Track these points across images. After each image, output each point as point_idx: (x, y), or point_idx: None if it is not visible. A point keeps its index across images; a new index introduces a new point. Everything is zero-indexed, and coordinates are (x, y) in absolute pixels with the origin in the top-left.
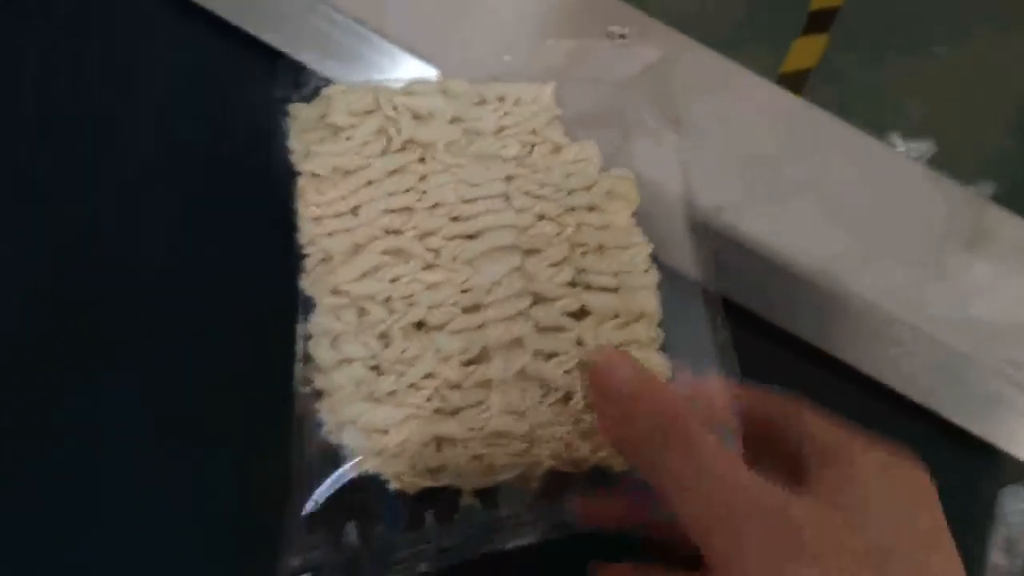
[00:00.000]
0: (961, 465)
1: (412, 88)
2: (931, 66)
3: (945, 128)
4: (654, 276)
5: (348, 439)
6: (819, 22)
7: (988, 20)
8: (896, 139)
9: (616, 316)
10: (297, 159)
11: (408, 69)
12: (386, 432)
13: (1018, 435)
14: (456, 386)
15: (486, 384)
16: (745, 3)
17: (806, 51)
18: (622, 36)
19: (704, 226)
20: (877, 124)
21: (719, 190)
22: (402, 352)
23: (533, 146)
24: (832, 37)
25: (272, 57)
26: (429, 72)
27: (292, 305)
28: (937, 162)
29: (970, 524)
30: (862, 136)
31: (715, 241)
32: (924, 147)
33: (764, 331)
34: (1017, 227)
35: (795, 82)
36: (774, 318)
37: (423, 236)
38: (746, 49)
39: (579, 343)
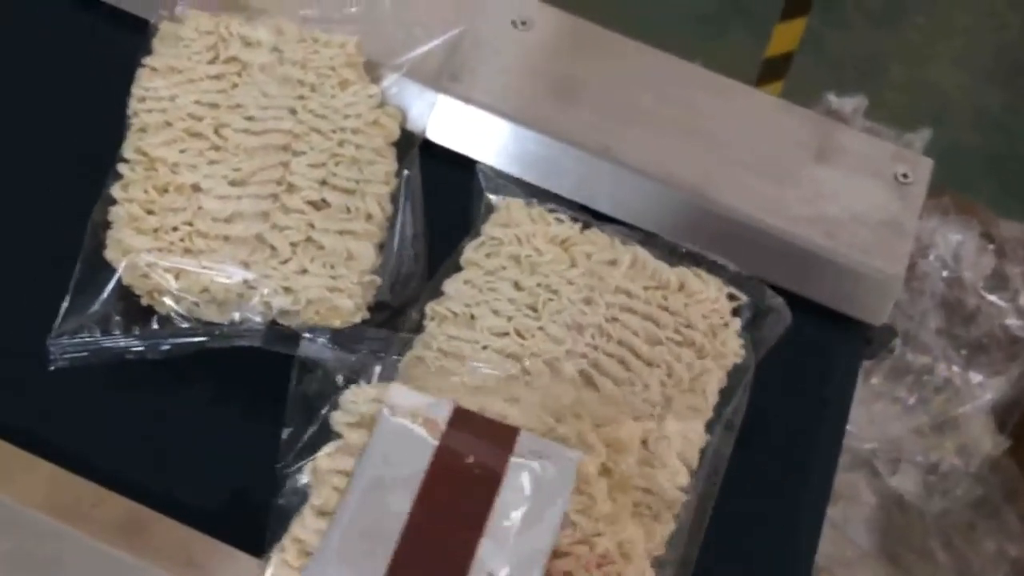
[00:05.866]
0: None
1: (252, 21)
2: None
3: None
4: (389, 188)
5: None
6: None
7: None
8: (831, 97)
9: (348, 211)
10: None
11: None
12: None
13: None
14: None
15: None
16: None
17: (788, 35)
18: (523, 23)
19: None
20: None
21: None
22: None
23: (328, 78)
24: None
25: None
26: None
27: None
28: (870, 114)
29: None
30: (725, 80)
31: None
32: (856, 101)
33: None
34: (859, 140)
35: (779, 66)
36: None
37: (219, 127)
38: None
39: None
